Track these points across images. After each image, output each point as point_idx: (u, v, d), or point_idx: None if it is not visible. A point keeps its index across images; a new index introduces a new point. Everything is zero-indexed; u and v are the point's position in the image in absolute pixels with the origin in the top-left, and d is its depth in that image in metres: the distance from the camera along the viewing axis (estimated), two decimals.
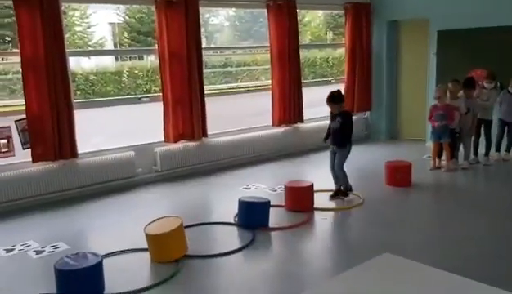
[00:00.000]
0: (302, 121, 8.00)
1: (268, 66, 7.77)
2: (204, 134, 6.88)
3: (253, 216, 4.63)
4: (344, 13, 8.53)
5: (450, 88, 6.60)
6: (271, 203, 4.82)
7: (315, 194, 5.21)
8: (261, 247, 4.28)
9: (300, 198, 5.10)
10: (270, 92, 7.73)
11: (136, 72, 18.32)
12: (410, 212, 5.20)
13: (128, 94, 17.45)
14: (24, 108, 5.52)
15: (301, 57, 7.89)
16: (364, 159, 7.40)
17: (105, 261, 3.63)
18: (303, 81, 7.99)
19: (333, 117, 5.34)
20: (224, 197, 5.79)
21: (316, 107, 8.10)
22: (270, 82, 7.74)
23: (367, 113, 9.08)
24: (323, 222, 4.87)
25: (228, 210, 5.03)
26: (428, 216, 5.14)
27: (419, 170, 6.33)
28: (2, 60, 12.46)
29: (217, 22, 27.34)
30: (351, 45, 8.54)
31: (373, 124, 9.08)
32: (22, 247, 4.39)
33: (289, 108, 7.75)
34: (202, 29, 6.83)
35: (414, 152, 7.50)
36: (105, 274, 3.49)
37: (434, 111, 6.53)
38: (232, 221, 4.81)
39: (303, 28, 22.09)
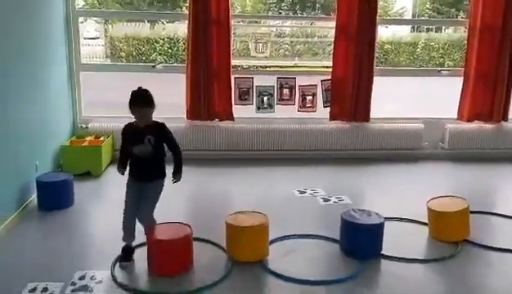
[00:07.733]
0: None
1: None
2: (505, 117, 6.23)
3: None
4: None
5: None
6: None
7: None
8: None
9: None
10: None
11: (432, 44, 17.67)
12: None
13: (420, 66, 17.10)
14: (328, 69, 6.06)
15: None
16: None
17: (385, 224, 3.78)
18: None
19: (136, 135, 3.32)
20: None
21: None
22: None
23: None
24: None
25: None
26: None
27: None
28: (311, 24, 13.81)
29: None
30: None
31: None
32: (312, 192, 4.97)
33: None
34: None
35: None
36: (384, 237, 3.63)
37: None
38: None
39: None
